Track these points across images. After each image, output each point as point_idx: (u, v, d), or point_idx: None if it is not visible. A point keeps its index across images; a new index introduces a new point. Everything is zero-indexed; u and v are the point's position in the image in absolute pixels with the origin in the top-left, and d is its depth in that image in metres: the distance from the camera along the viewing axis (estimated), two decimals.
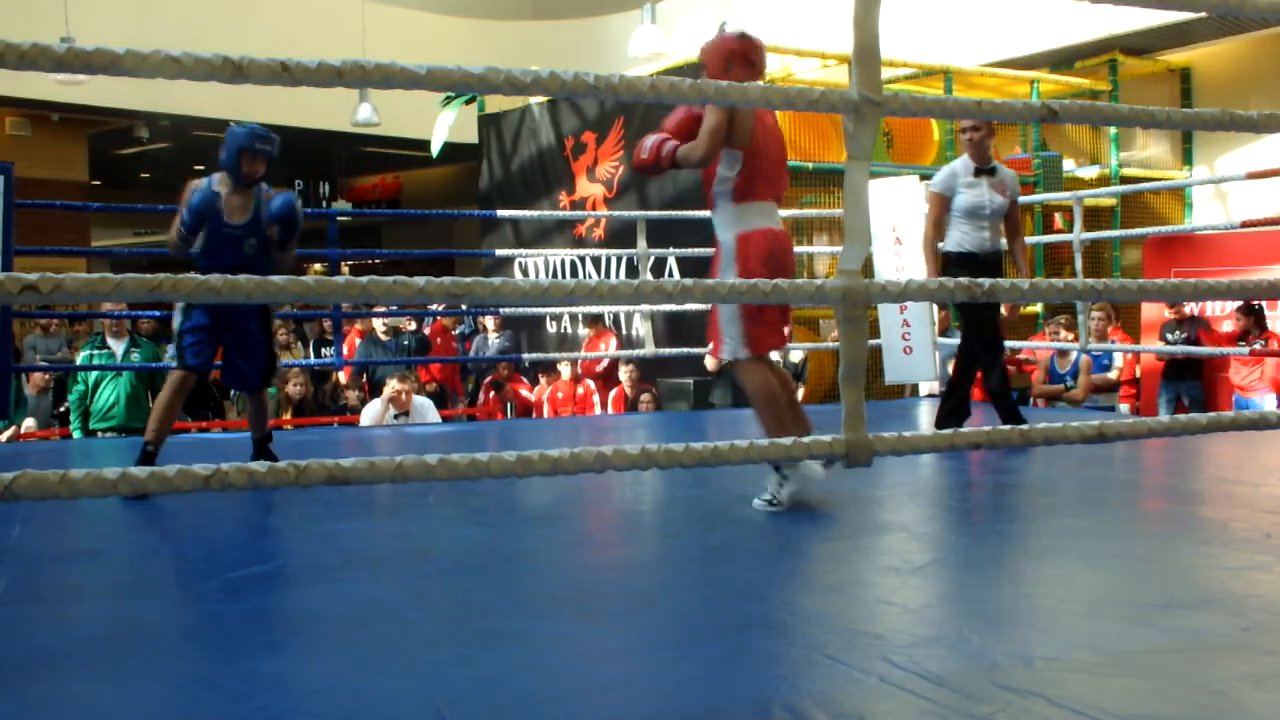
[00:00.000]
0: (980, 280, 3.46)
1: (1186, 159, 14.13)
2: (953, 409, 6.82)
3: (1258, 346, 9.97)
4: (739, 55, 4.64)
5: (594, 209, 12.38)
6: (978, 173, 6.76)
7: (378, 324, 12.07)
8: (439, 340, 12.88)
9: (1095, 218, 12.55)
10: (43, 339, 12.05)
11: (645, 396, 10.93)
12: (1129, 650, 2.82)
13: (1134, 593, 3.52)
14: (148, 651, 2.94)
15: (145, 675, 2.74)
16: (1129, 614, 3.21)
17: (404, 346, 12.19)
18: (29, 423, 10.32)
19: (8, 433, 9.67)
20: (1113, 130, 13.68)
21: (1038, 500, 5.12)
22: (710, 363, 10.65)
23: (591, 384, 11.82)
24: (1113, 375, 10.65)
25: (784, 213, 10.43)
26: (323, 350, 12.29)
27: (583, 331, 12.52)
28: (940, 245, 6.78)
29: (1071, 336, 10.32)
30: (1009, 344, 10.53)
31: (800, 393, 10.92)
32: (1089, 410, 10.02)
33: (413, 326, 12.76)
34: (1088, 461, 5.73)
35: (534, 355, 11.90)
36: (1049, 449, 5.92)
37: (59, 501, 4.74)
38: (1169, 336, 10.88)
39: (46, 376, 10.68)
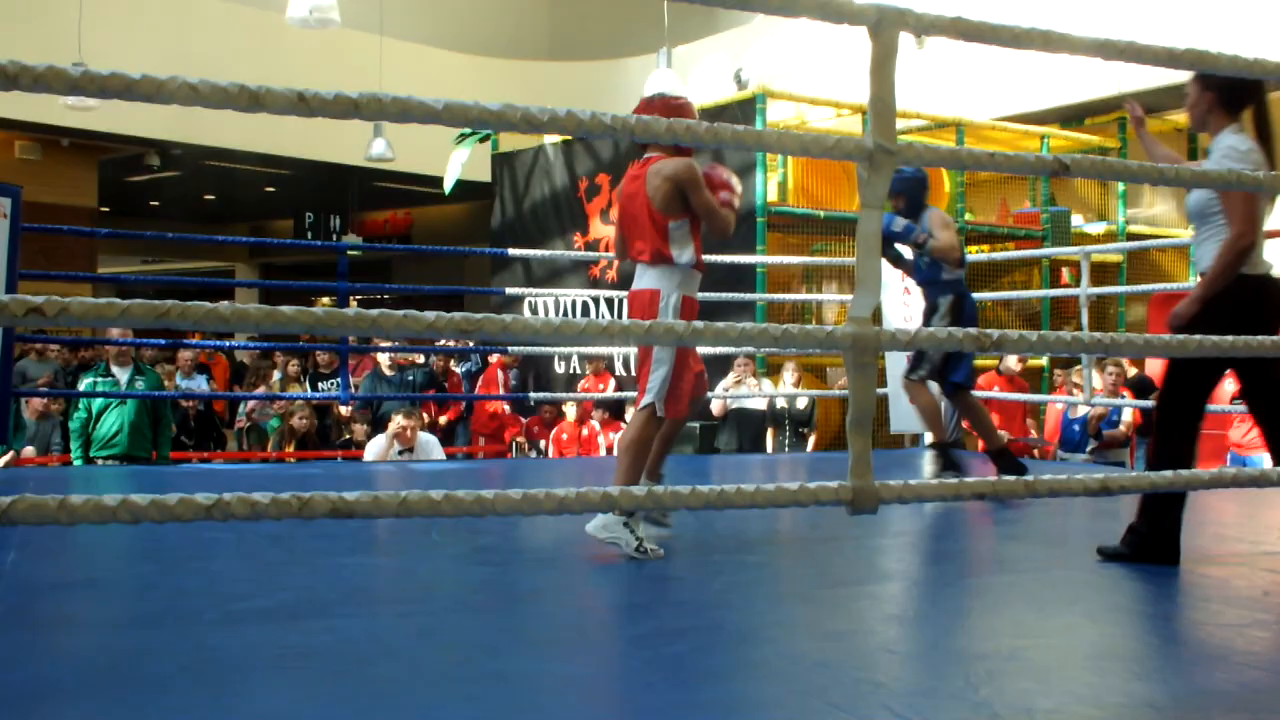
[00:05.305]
0: (989, 330, 3.45)
1: None
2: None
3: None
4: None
5: (608, 251, 12.37)
6: None
7: (383, 359, 12.06)
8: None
9: (1102, 273, 12.56)
10: (35, 364, 12.02)
11: None
12: (1129, 704, 2.81)
13: (1135, 647, 3.51)
14: (143, 684, 2.91)
15: (139, 708, 2.72)
16: (1130, 668, 3.20)
17: (408, 382, 12.17)
18: (28, 449, 10.30)
19: (6, 458, 9.64)
20: (1120, 187, 13.70)
21: (1041, 552, 5.09)
22: (716, 406, 10.66)
23: (596, 425, 11.79)
24: (1121, 431, 10.61)
25: (796, 260, 10.46)
26: (319, 384, 12.27)
27: (585, 370, 12.51)
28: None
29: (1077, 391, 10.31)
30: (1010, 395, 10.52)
31: (811, 441, 10.93)
32: (1096, 465, 9.98)
33: (420, 360, 12.77)
34: (1096, 514, 5.71)
35: (540, 395, 11.90)
36: (1054, 501, 5.90)
37: (56, 529, 4.71)
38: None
39: (46, 401, 10.65)
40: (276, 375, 13.24)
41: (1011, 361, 10.87)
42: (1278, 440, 4.54)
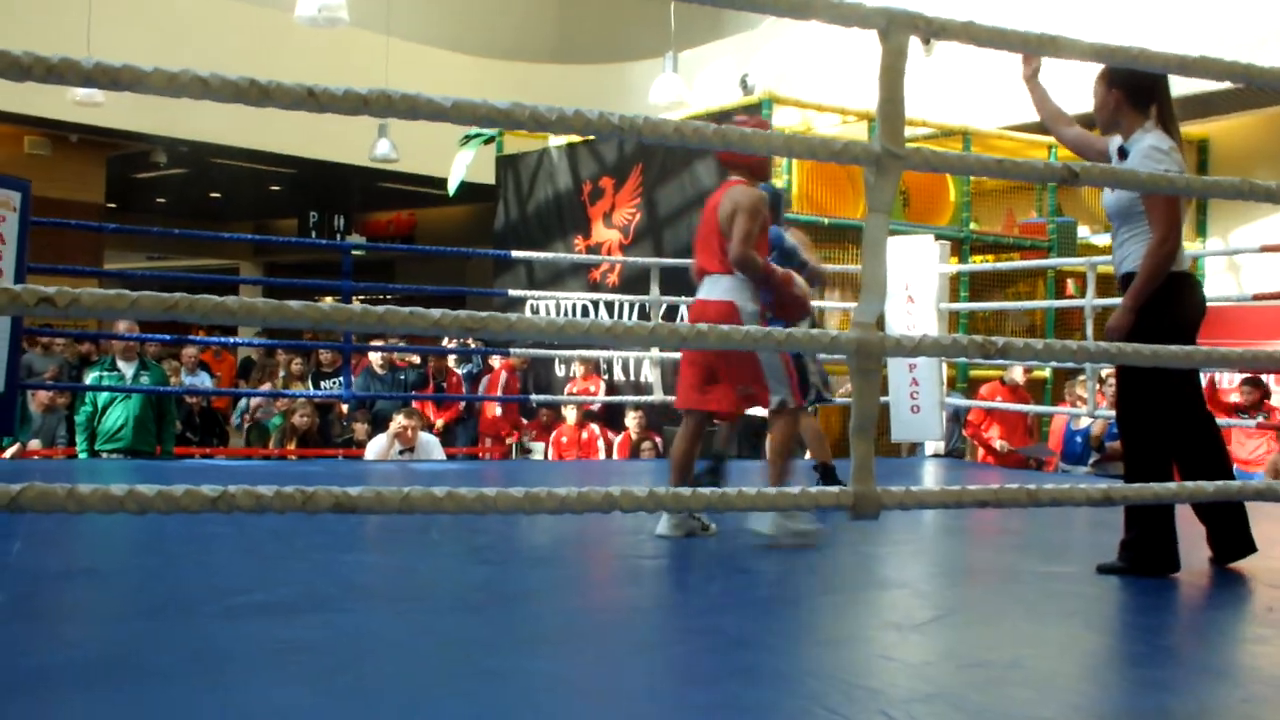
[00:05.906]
0: (994, 338, 3.45)
1: (1200, 230, 14.13)
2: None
3: (1261, 419, 9.92)
4: None
5: (609, 255, 12.38)
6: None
7: (375, 358, 12.06)
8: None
9: (1108, 284, 12.54)
10: (40, 357, 12.02)
11: (646, 444, 10.92)
12: (1128, 715, 2.81)
13: (1135, 658, 3.50)
14: (142, 674, 2.92)
15: (138, 698, 2.72)
16: (1129, 679, 3.20)
17: (400, 381, 12.17)
18: (33, 442, 10.31)
19: (12, 449, 9.66)
20: None
21: (1042, 562, 5.09)
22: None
23: (596, 428, 11.80)
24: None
25: None
26: (321, 383, 12.28)
27: (577, 371, 12.49)
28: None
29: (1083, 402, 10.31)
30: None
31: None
32: (1098, 478, 9.98)
33: (416, 360, 12.77)
34: (1097, 526, 5.71)
35: (541, 398, 11.91)
36: (1055, 512, 5.90)
37: (61, 520, 4.73)
38: None
39: (52, 394, 10.67)
40: (280, 373, 13.25)
41: (1016, 372, 10.87)
42: (1181, 450, 4.51)
